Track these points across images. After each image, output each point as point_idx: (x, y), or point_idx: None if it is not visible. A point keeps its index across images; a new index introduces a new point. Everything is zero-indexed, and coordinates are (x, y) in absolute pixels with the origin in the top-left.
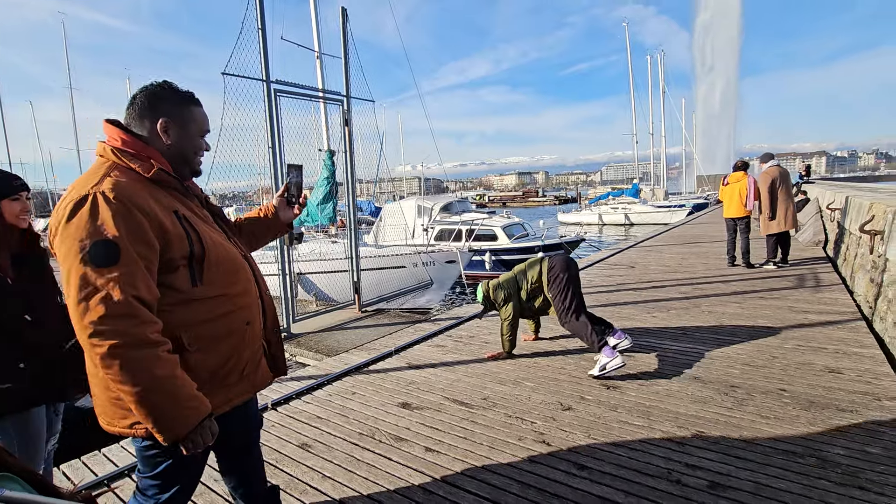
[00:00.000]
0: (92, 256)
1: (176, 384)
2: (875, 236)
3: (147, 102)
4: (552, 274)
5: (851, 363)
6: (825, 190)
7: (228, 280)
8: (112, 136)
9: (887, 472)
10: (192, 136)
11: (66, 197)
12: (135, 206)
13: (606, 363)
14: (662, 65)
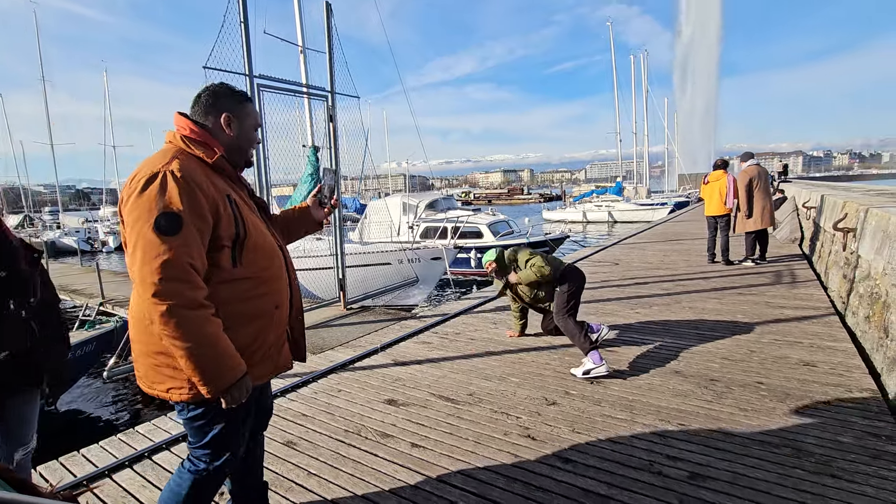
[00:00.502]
0: (159, 225)
1: (221, 342)
2: (848, 234)
3: (211, 100)
4: (572, 275)
5: (825, 356)
6: (801, 189)
7: (264, 264)
8: (182, 125)
9: (858, 461)
10: (249, 129)
11: (138, 173)
12: (197, 186)
13: (592, 368)
14: (645, 65)
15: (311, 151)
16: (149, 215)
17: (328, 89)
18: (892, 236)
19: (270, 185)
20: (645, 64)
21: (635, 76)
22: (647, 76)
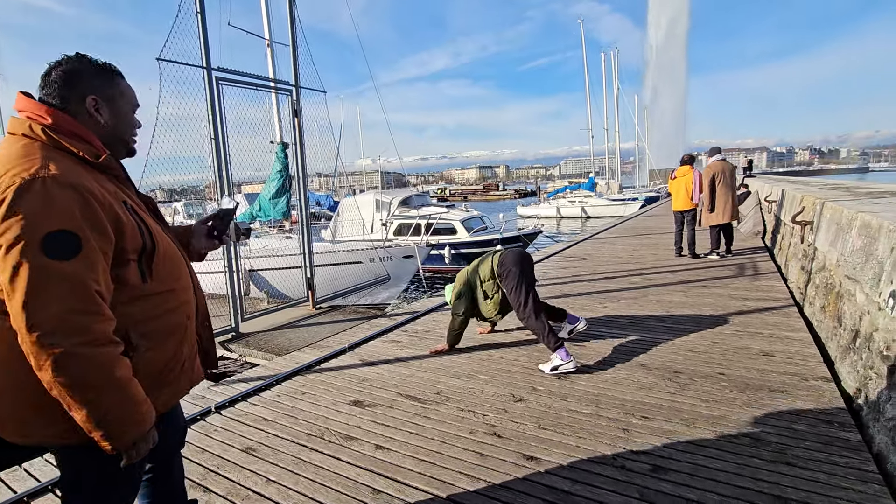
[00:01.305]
0: (48, 248)
1: (133, 386)
2: (805, 227)
3: (67, 79)
4: (503, 269)
5: (783, 346)
6: (764, 183)
7: (174, 274)
8: (37, 112)
9: (811, 448)
10: (125, 112)
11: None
12: (90, 194)
13: (559, 365)
14: (616, 62)
15: (280, 148)
16: (30, 236)
17: (292, 83)
18: (844, 229)
19: (232, 184)
20: (615, 62)
21: (606, 74)
22: (617, 74)
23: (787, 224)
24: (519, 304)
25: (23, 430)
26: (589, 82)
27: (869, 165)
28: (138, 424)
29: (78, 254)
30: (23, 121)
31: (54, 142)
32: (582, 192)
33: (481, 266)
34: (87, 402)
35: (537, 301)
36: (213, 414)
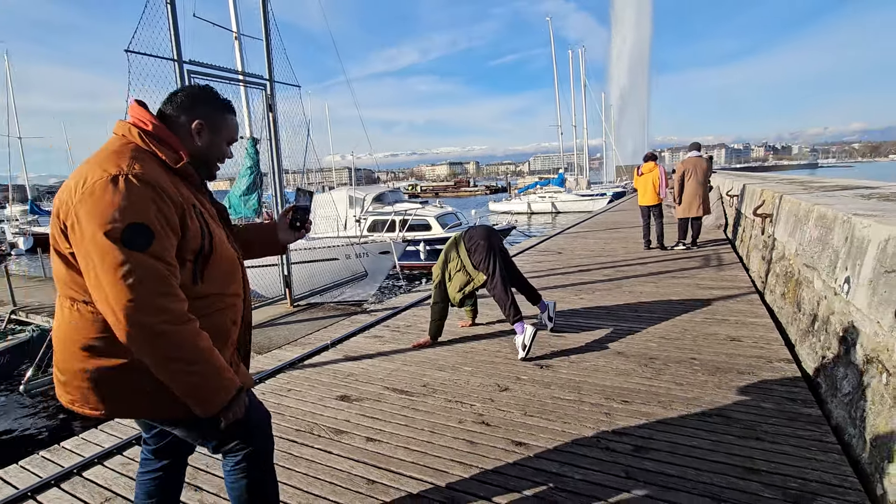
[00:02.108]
0: (127, 238)
1: (215, 356)
2: (765, 219)
3: (187, 101)
4: (472, 244)
5: (748, 331)
6: (725, 178)
7: (226, 281)
8: (141, 118)
9: (778, 424)
10: (221, 142)
11: (87, 175)
12: (164, 192)
13: (522, 339)
14: (583, 60)
15: (250, 143)
16: (111, 228)
17: (266, 78)
18: (802, 220)
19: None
20: (583, 59)
21: (574, 71)
22: (584, 71)
23: (747, 217)
24: (488, 274)
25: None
26: (557, 79)
27: (818, 161)
28: (225, 390)
29: (151, 244)
30: (126, 124)
31: (146, 145)
32: (552, 187)
33: (447, 248)
34: (178, 372)
35: (504, 274)
36: None
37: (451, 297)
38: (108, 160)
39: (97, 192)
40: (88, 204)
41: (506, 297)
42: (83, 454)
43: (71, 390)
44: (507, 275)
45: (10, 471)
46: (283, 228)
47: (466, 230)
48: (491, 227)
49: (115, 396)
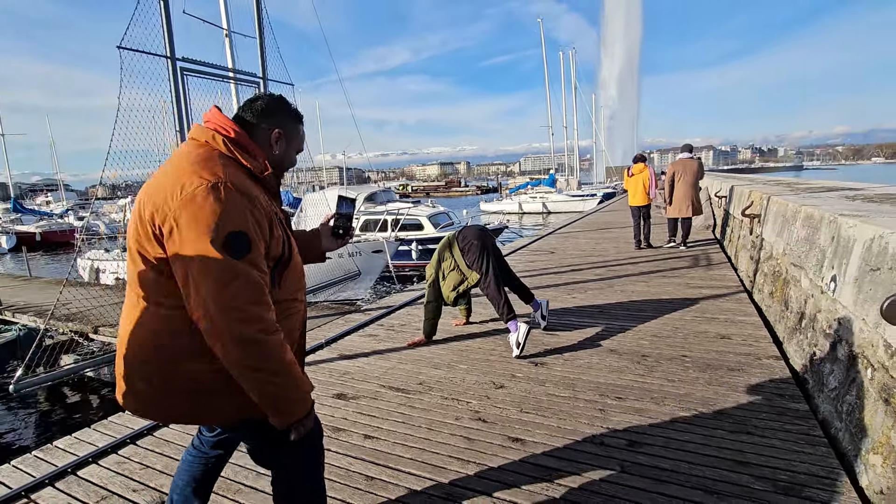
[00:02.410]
0: (227, 245)
1: (296, 369)
2: (754, 219)
3: (267, 110)
4: (465, 243)
5: (737, 329)
6: (713, 180)
7: (297, 286)
8: (223, 125)
9: (767, 418)
10: (292, 151)
11: (184, 181)
12: (257, 201)
13: (516, 337)
14: (574, 62)
15: None
16: (214, 234)
17: (259, 75)
18: (790, 221)
19: None
20: (574, 61)
21: (565, 73)
22: (575, 73)
23: (736, 217)
24: (482, 273)
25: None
26: (549, 80)
27: (804, 164)
28: (303, 403)
29: (250, 252)
30: (208, 130)
31: (230, 152)
32: (543, 188)
33: (440, 247)
34: (265, 381)
35: (497, 273)
36: None
37: (445, 296)
38: (203, 167)
39: (198, 199)
40: (190, 211)
41: (499, 295)
42: (77, 453)
43: (140, 397)
44: (501, 274)
45: (2, 470)
46: (326, 235)
47: (460, 230)
48: (484, 227)
49: (193, 401)
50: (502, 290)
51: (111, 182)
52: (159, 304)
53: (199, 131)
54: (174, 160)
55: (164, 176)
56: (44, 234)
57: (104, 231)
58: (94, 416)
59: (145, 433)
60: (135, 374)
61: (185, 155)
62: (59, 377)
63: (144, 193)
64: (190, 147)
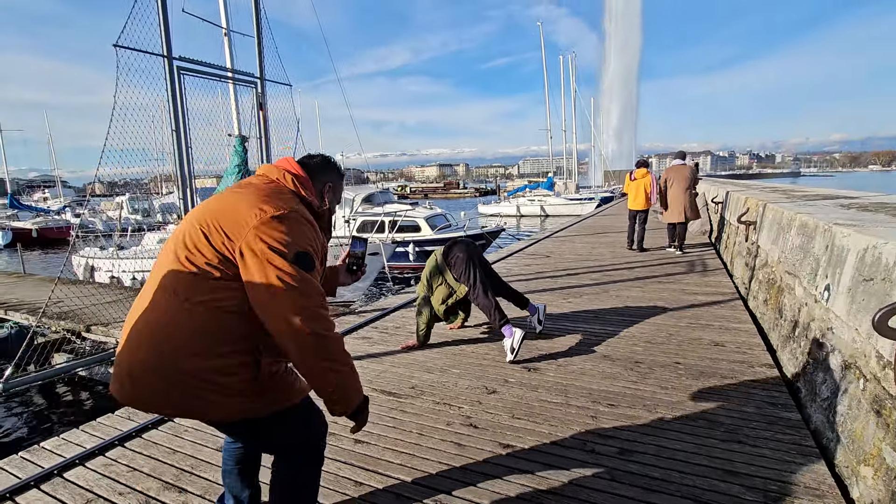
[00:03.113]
0: (298, 259)
1: (352, 361)
2: (749, 226)
3: (322, 165)
4: (451, 258)
5: (731, 337)
6: (710, 186)
7: None
8: (293, 168)
9: (759, 427)
10: (336, 202)
11: (262, 206)
12: (316, 230)
13: (510, 343)
14: (574, 66)
15: (238, 142)
16: (288, 251)
17: (257, 75)
18: (785, 228)
19: (193, 176)
20: (573, 65)
21: (564, 76)
22: (575, 76)
23: (732, 224)
24: (469, 284)
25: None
26: (548, 84)
27: (801, 170)
28: (358, 392)
29: (314, 268)
30: (279, 170)
31: (296, 189)
32: (541, 191)
33: (428, 264)
34: (335, 371)
35: (485, 282)
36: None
37: (437, 311)
38: (276, 198)
39: (274, 223)
40: (268, 232)
41: (489, 302)
42: (64, 455)
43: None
44: (490, 283)
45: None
46: (342, 272)
47: (445, 246)
48: (469, 241)
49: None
50: (491, 297)
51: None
52: (198, 302)
53: (269, 170)
54: (245, 189)
55: (236, 201)
56: (40, 230)
57: (100, 228)
58: (85, 417)
59: (133, 435)
60: (149, 365)
61: (258, 187)
62: (49, 376)
63: (209, 214)
64: (261, 181)
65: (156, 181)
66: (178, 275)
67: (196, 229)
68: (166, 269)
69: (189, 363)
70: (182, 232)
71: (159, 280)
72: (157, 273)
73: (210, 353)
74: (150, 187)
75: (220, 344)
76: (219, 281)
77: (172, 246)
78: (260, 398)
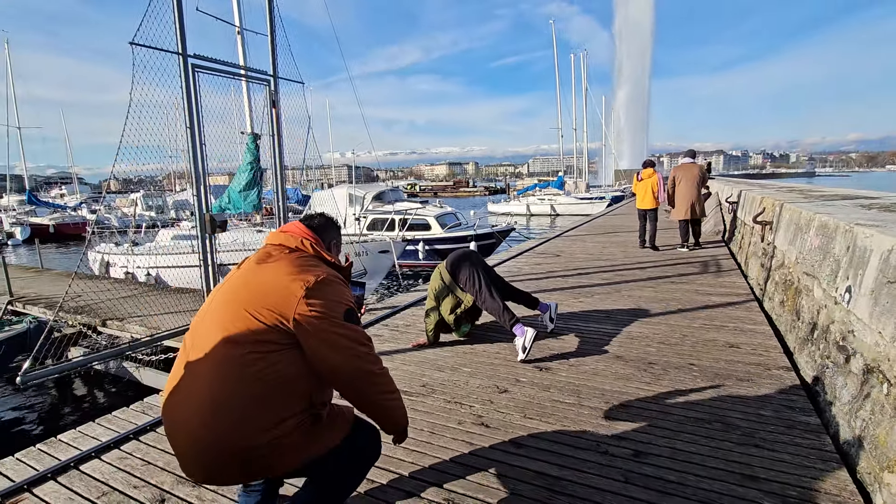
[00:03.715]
0: (349, 316)
1: (399, 392)
2: (765, 227)
3: (326, 226)
4: (454, 268)
5: (747, 338)
6: (723, 185)
7: None
8: (308, 235)
9: (776, 431)
10: (337, 256)
11: (302, 276)
12: (347, 286)
13: (522, 342)
14: (585, 64)
15: (251, 139)
16: (340, 309)
17: (270, 73)
18: (803, 229)
19: (207, 174)
20: (584, 63)
21: (575, 75)
22: (586, 75)
23: (747, 224)
24: (475, 290)
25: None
26: (559, 82)
27: (816, 170)
28: (405, 416)
29: (358, 321)
30: (295, 238)
31: (318, 253)
32: (551, 190)
33: (433, 278)
34: (391, 400)
35: (490, 286)
36: None
37: (447, 321)
38: (310, 267)
39: (320, 291)
40: (317, 299)
41: (496, 304)
42: (80, 447)
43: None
44: (495, 287)
45: (6, 463)
46: None
47: (446, 260)
48: (469, 250)
49: (281, 458)
50: (498, 299)
51: (123, 177)
52: (260, 377)
53: (286, 239)
54: (277, 263)
55: (275, 278)
56: (57, 226)
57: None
58: (101, 410)
59: (148, 429)
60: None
61: (288, 259)
62: (66, 370)
63: (253, 300)
64: (282, 252)
65: (170, 178)
66: (236, 353)
67: (245, 316)
68: (218, 349)
69: (261, 438)
70: (229, 317)
71: (214, 360)
72: (203, 352)
73: (277, 422)
74: (164, 184)
75: (283, 410)
76: (279, 353)
77: (218, 326)
78: (319, 441)
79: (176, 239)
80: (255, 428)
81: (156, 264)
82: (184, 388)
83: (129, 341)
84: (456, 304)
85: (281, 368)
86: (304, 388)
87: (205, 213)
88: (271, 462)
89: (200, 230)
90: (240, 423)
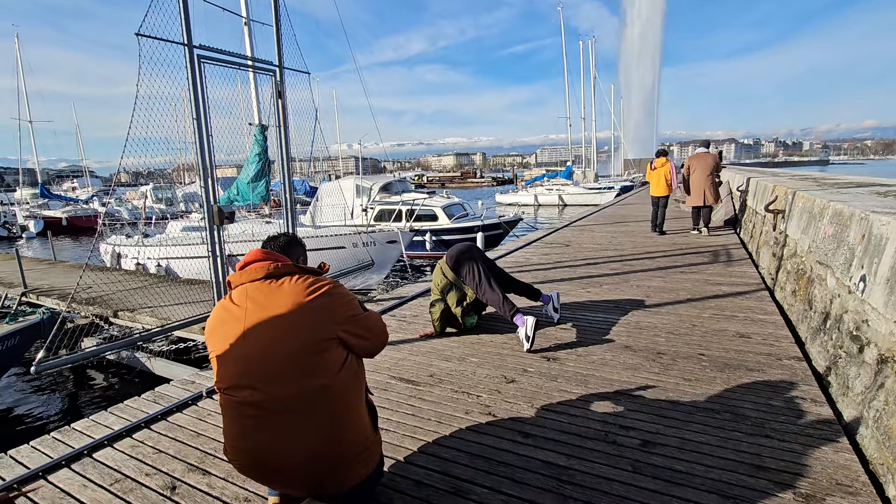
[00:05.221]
0: (363, 307)
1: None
2: (777, 215)
3: (292, 243)
4: (454, 263)
5: (758, 328)
6: (735, 174)
7: None
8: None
9: (787, 422)
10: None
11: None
12: None
13: (524, 331)
14: (594, 51)
15: (258, 130)
16: (356, 308)
17: (276, 64)
18: (816, 217)
19: (214, 167)
20: (593, 50)
21: (584, 62)
22: (594, 62)
23: (758, 212)
24: (475, 283)
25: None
26: (567, 70)
27: (829, 158)
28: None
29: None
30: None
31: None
32: (559, 180)
33: (434, 273)
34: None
35: (490, 277)
36: (204, 398)
37: (455, 315)
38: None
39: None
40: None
41: (496, 295)
42: (93, 436)
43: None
44: (495, 278)
45: (22, 450)
46: None
47: (446, 255)
48: (468, 243)
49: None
50: (498, 290)
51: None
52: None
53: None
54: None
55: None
56: (70, 219)
57: (126, 217)
58: (113, 399)
59: (159, 418)
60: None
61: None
62: (79, 359)
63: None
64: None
65: (178, 171)
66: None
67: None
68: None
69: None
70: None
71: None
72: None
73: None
74: (173, 177)
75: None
76: (344, 361)
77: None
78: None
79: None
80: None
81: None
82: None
83: (141, 331)
84: (461, 297)
85: (349, 368)
86: (363, 379)
87: (213, 205)
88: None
89: (209, 222)
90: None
